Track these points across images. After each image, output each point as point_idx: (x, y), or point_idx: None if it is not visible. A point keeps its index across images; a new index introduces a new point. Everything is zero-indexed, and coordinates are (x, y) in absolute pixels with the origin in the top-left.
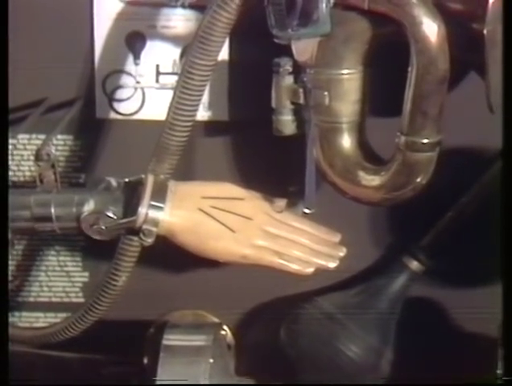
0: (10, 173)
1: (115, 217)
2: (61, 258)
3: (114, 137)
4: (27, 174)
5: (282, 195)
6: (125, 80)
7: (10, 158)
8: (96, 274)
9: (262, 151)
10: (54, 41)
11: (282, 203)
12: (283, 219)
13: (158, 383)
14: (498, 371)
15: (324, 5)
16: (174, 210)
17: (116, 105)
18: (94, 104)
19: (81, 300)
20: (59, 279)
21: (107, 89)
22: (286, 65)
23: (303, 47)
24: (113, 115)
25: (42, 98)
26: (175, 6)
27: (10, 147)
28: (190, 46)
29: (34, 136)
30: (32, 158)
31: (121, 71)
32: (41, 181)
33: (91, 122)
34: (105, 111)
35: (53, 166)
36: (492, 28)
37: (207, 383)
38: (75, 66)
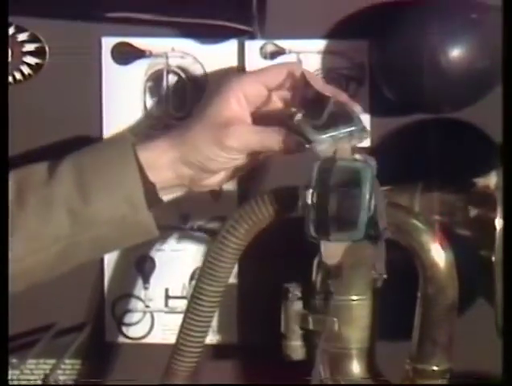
0: None
1: None
2: None
3: (123, 362)
4: None
5: None
6: (135, 304)
7: (16, 382)
8: None
9: (272, 375)
10: None
11: None
12: None
13: None
14: None
15: (365, 213)
16: None
17: (125, 329)
18: (103, 328)
19: None
20: None
21: (116, 313)
22: (295, 291)
23: (333, 250)
24: (121, 339)
25: (51, 323)
26: (184, 229)
27: (16, 372)
28: (199, 270)
29: (42, 361)
30: (39, 383)
31: (130, 295)
32: None
33: (100, 346)
34: (114, 335)
35: None
36: (500, 256)
37: None
38: (84, 290)
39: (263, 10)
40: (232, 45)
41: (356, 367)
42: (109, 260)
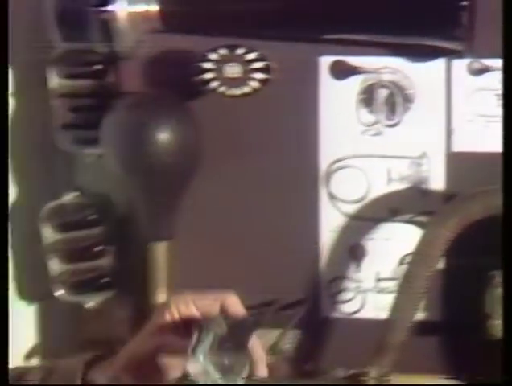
0: None
1: None
2: None
3: (337, 333)
4: None
5: None
6: (348, 284)
7: None
8: None
9: (474, 354)
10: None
11: None
12: None
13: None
14: None
15: None
16: None
17: (339, 305)
18: (320, 304)
19: None
20: None
21: (331, 292)
22: (500, 278)
23: None
24: (336, 314)
25: (274, 298)
26: (394, 221)
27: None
28: (411, 256)
29: (268, 331)
30: None
31: (343, 277)
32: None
33: (317, 319)
34: (329, 310)
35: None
36: None
37: None
38: (303, 270)
39: (472, 29)
40: (440, 63)
41: None
42: (324, 246)
